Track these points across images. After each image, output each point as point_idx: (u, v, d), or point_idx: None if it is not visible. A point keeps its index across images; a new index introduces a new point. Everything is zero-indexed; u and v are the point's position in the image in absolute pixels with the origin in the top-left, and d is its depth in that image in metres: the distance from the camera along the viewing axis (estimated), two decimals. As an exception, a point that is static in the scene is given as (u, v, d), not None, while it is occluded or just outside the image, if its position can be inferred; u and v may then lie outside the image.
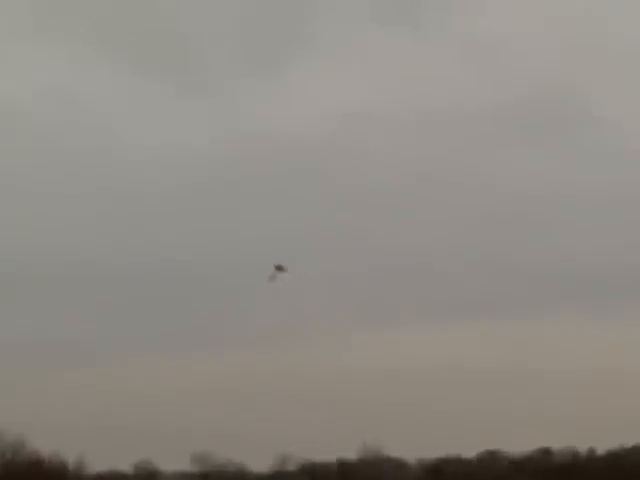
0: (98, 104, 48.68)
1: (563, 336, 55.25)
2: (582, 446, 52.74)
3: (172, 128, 49.11)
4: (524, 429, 49.31)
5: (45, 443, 40.88)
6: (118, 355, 44.73)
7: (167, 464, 46.49)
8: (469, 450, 51.82)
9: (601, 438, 48.72)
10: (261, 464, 49.30)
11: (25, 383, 42.13)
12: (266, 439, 46.35)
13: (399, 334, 51.16)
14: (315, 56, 47.91)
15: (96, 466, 43.55)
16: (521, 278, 57.19)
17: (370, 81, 52.16)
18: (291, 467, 51.06)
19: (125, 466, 47.46)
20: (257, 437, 46.02)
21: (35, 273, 45.13)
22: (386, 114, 52.96)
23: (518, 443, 49.43)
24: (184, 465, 48.96)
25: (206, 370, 45.63)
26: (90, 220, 45.63)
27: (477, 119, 65.15)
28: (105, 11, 46.32)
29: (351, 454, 51.50)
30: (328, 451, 50.05)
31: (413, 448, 48.89)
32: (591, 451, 54.79)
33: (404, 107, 54.35)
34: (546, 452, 56.77)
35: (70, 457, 41.69)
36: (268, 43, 47.57)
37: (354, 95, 50.12)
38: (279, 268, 26.65)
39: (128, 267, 44.78)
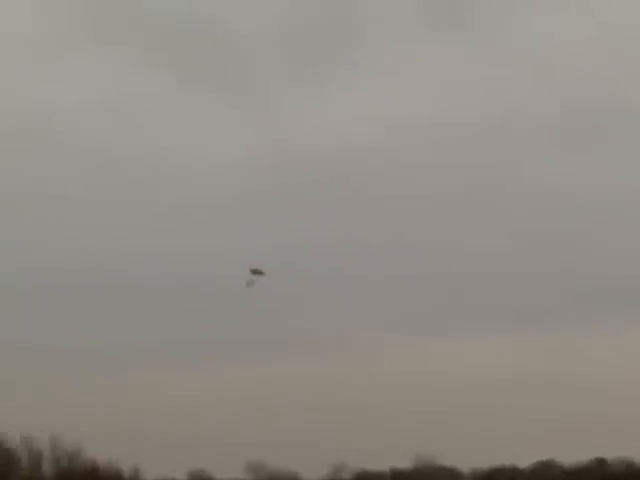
0: (146, 116, 49.17)
1: (616, 345, 54.85)
2: (637, 456, 52.66)
3: (219, 139, 49.38)
4: (578, 439, 48.88)
5: (101, 451, 41.82)
6: (165, 367, 45.01)
7: (221, 473, 46.77)
8: (523, 460, 51.54)
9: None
10: (315, 473, 49.60)
11: (81, 391, 42.55)
12: (320, 448, 46.42)
13: (449, 343, 51.06)
14: (363, 65, 48.16)
15: (151, 474, 44.89)
16: (570, 285, 56.84)
17: (419, 89, 52.29)
18: (345, 476, 51.45)
19: (180, 474, 48.10)
20: (311, 446, 46.06)
21: (80, 281, 45.47)
22: (435, 122, 53.05)
23: (572, 453, 49.10)
24: (238, 474, 49.64)
25: (253, 379, 45.81)
26: (134, 230, 46.13)
27: (526, 126, 64.98)
28: (154, 25, 46.74)
29: (405, 463, 51.93)
30: (382, 460, 50.35)
31: (466, 457, 48.75)
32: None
33: (453, 115, 54.44)
34: (600, 462, 56.29)
35: (125, 465, 43.09)
36: (316, 52, 47.87)
37: (402, 104, 50.16)
38: (256, 272, 26.44)
39: (169, 277, 45.21)
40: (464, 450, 47.46)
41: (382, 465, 50.35)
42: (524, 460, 51.48)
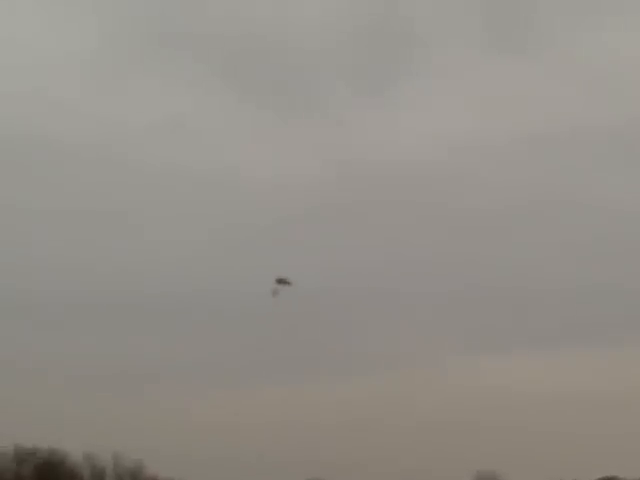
0: (210, 134, 49.76)
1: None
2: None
3: (283, 156, 49.93)
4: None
5: (162, 468, 42.08)
6: (226, 387, 45.67)
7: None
8: (585, 476, 51.42)
9: None
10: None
11: (143, 411, 43.19)
12: (380, 467, 46.62)
13: (510, 359, 51.16)
14: (426, 81, 48.46)
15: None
16: (631, 302, 56.61)
17: (481, 106, 52.63)
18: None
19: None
20: (370, 465, 46.34)
21: (136, 302, 46.09)
22: (496, 138, 53.41)
23: (634, 470, 48.99)
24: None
25: (315, 397, 46.30)
26: (201, 247, 46.74)
27: (588, 142, 64.95)
28: (217, 44, 47.33)
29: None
30: (443, 478, 50.35)
31: (527, 474, 48.83)
32: None
33: (515, 131, 54.70)
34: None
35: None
36: (379, 69, 48.29)
37: (465, 120, 50.57)
38: (282, 282, 26.60)
39: (239, 294, 45.88)
40: (526, 467, 47.66)
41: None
42: (586, 476, 51.54)
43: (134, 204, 48.98)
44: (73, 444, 39.25)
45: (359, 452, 47.11)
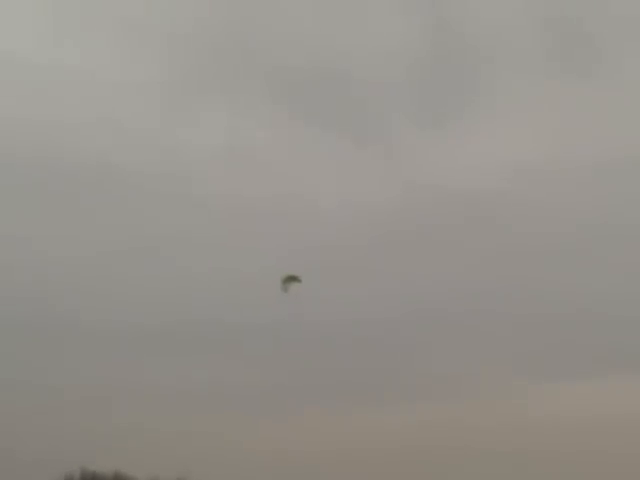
0: (274, 158, 49.73)
1: None
2: None
3: (348, 184, 49.84)
4: None
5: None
6: (291, 409, 45.85)
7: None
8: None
9: None
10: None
11: (211, 433, 43.44)
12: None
13: (575, 384, 50.72)
14: (490, 110, 48.16)
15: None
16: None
17: (546, 132, 52.15)
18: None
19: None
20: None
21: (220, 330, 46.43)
22: (561, 164, 52.85)
23: None
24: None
25: (382, 424, 46.26)
26: (264, 275, 46.70)
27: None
28: (279, 64, 47.19)
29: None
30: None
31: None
32: None
33: (579, 157, 54.05)
34: None
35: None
36: (444, 98, 48.03)
37: (528, 146, 50.16)
38: (291, 279, 25.95)
39: (306, 324, 45.91)
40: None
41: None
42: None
43: (199, 233, 49.23)
44: (136, 468, 40.06)
45: (426, 476, 47.10)
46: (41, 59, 44.18)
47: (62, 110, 46.46)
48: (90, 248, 46.55)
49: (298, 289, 48.35)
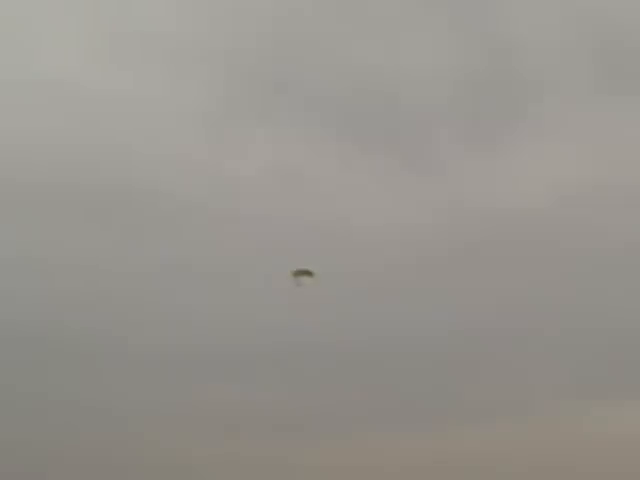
0: (323, 181, 50.13)
1: None
2: None
3: (394, 204, 50.13)
4: None
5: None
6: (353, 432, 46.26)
7: None
8: None
9: None
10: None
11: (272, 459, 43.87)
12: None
13: (625, 405, 50.58)
14: (537, 127, 48.10)
15: None
16: None
17: (593, 152, 51.84)
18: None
19: None
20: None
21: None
22: (608, 184, 52.56)
23: None
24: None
25: (431, 446, 46.56)
26: (318, 299, 47.11)
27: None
28: (329, 90, 47.65)
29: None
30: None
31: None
32: None
33: (627, 177, 53.80)
34: None
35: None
36: (489, 118, 47.99)
37: (576, 166, 50.07)
38: (303, 273, 25.69)
39: (352, 344, 46.47)
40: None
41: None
42: None
43: (246, 255, 49.79)
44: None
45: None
46: (91, 89, 45.06)
47: (111, 139, 47.36)
48: (142, 268, 47.42)
49: (343, 309, 48.92)
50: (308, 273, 28.51)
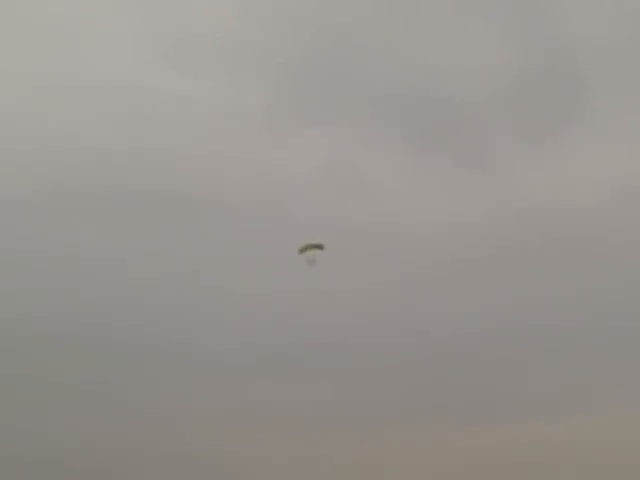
0: (376, 181, 50.25)
1: None
2: None
3: (451, 203, 50.14)
4: None
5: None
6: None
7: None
8: None
9: None
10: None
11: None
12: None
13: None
14: (589, 125, 48.14)
15: None
16: None
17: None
18: None
19: None
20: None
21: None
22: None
23: None
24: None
25: (474, 443, 46.37)
26: (362, 298, 47.50)
27: None
28: (378, 88, 47.76)
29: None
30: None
31: None
32: None
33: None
34: None
35: None
36: (545, 115, 48.17)
37: (629, 165, 50.06)
38: (315, 247, 24.75)
39: (409, 344, 46.60)
40: None
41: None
42: None
43: (299, 255, 49.74)
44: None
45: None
46: (143, 87, 45.05)
47: (162, 137, 47.36)
48: (188, 267, 47.52)
49: (399, 308, 48.74)
50: (318, 247, 27.64)
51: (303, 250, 28.51)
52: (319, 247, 27.28)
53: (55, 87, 42.15)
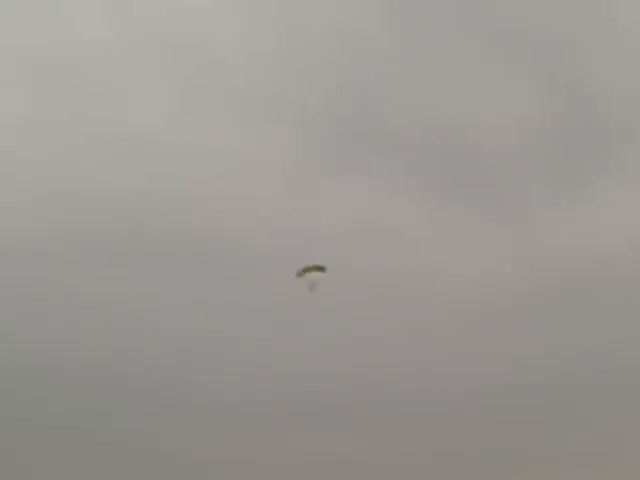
0: (403, 230, 50.34)
1: None
2: None
3: (476, 252, 50.23)
4: None
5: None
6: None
7: None
8: None
9: None
10: None
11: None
12: None
13: None
14: (618, 179, 48.20)
15: None
16: None
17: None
18: None
19: None
20: None
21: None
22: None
23: None
24: None
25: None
26: (378, 346, 47.68)
27: None
28: (411, 137, 47.98)
29: None
30: None
31: None
32: None
33: None
34: None
35: None
36: (572, 166, 48.19)
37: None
38: (317, 269, 24.28)
39: (442, 392, 46.76)
40: None
41: None
42: None
43: (323, 304, 49.80)
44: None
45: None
46: (172, 138, 45.50)
47: (192, 189, 47.68)
48: (222, 319, 47.64)
49: (417, 358, 48.66)
50: (320, 268, 26.82)
51: (302, 273, 27.65)
52: (320, 269, 26.46)
53: (87, 142, 42.37)
